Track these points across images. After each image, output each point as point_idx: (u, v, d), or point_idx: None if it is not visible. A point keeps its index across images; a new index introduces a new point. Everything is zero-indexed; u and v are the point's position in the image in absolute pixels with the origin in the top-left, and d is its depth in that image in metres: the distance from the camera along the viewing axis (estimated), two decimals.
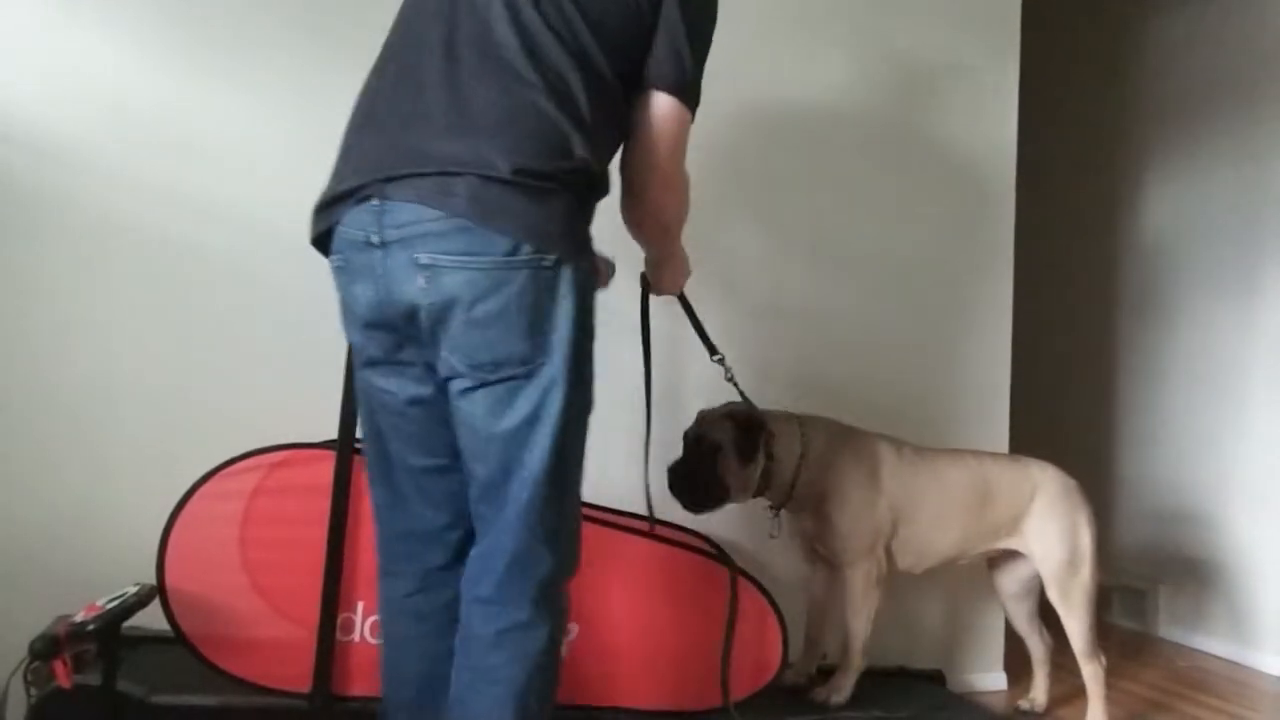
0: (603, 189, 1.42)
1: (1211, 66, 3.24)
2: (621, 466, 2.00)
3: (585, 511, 1.97)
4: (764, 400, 2.15)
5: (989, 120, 2.70)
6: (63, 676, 1.51)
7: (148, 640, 1.85)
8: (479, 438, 1.34)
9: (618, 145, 1.46)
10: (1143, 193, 3.51)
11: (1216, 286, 3.20)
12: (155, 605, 1.74)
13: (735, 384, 2.06)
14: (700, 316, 2.01)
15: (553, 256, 1.28)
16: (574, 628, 1.89)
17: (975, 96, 2.68)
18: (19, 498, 2.04)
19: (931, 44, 2.65)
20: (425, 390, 1.39)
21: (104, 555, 1.95)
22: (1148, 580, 3.38)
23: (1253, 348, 3.09)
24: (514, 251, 1.26)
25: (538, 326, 1.29)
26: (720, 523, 2.24)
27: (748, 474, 2.08)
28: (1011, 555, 2.30)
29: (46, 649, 1.49)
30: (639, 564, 1.95)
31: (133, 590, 1.70)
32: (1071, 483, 2.26)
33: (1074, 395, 3.76)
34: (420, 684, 1.48)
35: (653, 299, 1.87)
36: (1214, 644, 3.14)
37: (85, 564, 1.96)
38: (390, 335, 1.38)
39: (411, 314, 1.32)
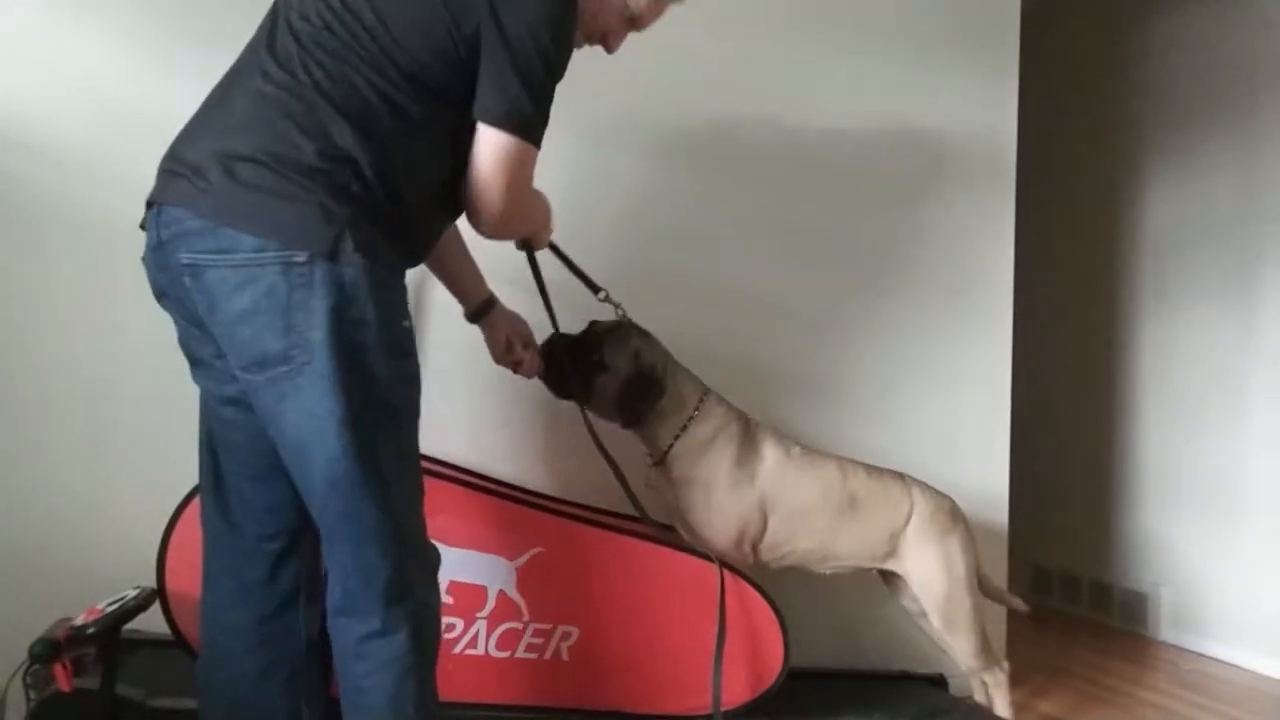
0: (392, 198, 1.33)
1: (1212, 68, 3.23)
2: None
3: (584, 514, 2.01)
4: (735, 387, 2.11)
5: (988, 122, 2.69)
6: (62, 680, 1.51)
7: (148, 644, 1.85)
8: (280, 443, 1.33)
9: (431, 166, 1.39)
10: (1143, 195, 3.51)
11: (1217, 289, 3.20)
12: (155, 608, 1.74)
13: (629, 319, 2.01)
14: (699, 315, 1.97)
15: (304, 254, 1.25)
16: (574, 631, 1.89)
17: (974, 97, 2.68)
18: (19, 500, 2.04)
19: (931, 44, 2.65)
20: (236, 390, 1.38)
21: (104, 558, 1.96)
22: (1149, 583, 3.37)
23: (1254, 350, 3.08)
24: (261, 249, 1.25)
25: (292, 324, 1.26)
26: None
27: (615, 414, 2.01)
28: (901, 578, 2.18)
29: (46, 652, 1.49)
30: (637, 566, 1.94)
31: (133, 593, 1.69)
32: (945, 503, 2.15)
33: (1074, 398, 3.75)
34: (232, 700, 1.45)
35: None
36: (1216, 648, 3.13)
37: (85, 567, 1.96)
38: (198, 334, 1.39)
39: (196, 313, 1.34)
